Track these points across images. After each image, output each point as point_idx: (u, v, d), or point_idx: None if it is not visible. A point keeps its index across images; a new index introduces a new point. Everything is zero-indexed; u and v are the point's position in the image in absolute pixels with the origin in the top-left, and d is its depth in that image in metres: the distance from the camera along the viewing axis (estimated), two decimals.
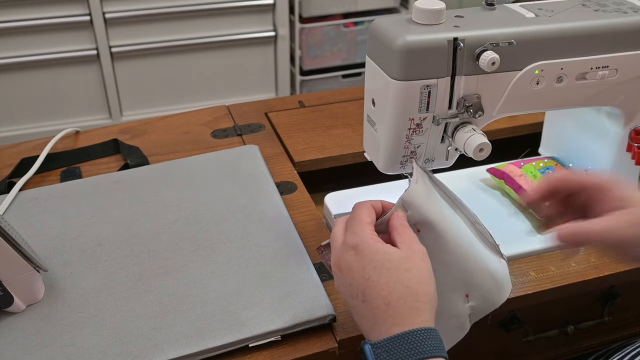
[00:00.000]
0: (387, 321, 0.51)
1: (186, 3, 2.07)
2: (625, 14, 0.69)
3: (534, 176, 0.82)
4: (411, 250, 0.54)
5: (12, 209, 0.80)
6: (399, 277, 0.52)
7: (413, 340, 0.49)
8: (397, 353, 0.48)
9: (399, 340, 0.49)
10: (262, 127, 1.01)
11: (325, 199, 0.84)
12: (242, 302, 0.66)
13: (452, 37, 0.62)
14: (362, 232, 0.55)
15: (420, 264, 0.53)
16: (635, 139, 0.77)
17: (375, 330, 0.51)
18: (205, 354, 0.61)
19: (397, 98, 0.64)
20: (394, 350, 0.48)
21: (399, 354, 0.48)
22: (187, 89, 2.25)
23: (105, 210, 0.80)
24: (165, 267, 0.71)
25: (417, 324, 0.50)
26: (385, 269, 0.52)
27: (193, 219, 0.78)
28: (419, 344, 0.49)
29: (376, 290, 0.52)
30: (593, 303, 0.81)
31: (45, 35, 2.01)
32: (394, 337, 0.49)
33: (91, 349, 0.61)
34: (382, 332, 0.50)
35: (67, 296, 0.67)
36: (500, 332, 0.77)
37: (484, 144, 0.65)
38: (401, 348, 0.48)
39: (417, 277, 0.52)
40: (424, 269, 0.53)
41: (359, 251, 0.54)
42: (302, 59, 2.31)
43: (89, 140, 0.97)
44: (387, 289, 0.51)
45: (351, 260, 0.54)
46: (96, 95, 2.16)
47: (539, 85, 0.68)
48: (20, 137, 1.93)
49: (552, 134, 0.91)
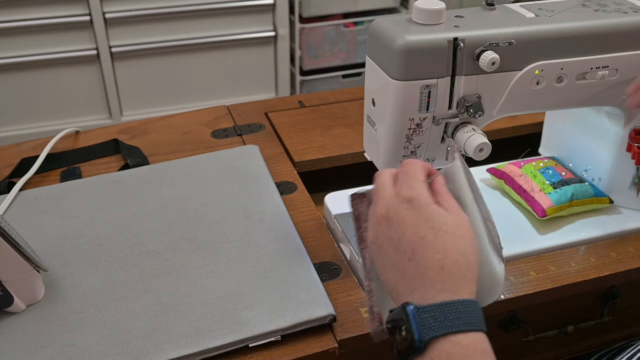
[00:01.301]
0: (436, 286, 0.48)
1: (186, 3, 2.07)
2: (625, 14, 0.69)
3: (533, 176, 0.82)
4: (461, 218, 0.51)
5: (12, 209, 0.80)
6: (454, 243, 0.49)
7: (461, 310, 0.46)
8: (444, 321, 0.46)
9: (448, 308, 0.46)
10: (262, 127, 1.01)
11: (325, 199, 0.84)
12: (242, 302, 0.66)
13: (452, 37, 0.62)
14: (420, 187, 0.52)
15: (471, 234, 0.51)
16: (635, 139, 0.77)
17: (418, 293, 0.48)
18: (205, 354, 0.61)
19: (397, 98, 0.64)
20: (441, 317, 0.46)
21: (445, 322, 0.46)
22: (187, 89, 2.25)
23: (105, 210, 0.80)
24: (165, 267, 0.71)
25: (466, 294, 0.48)
26: (442, 232, 0.49)
27: (193, 219, 0.78)
28: (466, 314, 0.46)
29: (430, 251, 0.49)
30: (593, 303, 0.81)
31: (45, 35, 2.01)
32: (443, 304, 0.47)
33: (91, 349, 0.61)
34: (428, 296, 0.48)
35: (67, 296, 0.67)
36: (500, 332, 0.77)
37: (484, 144, 0.65)
38: (448, 316, 0.46)
39: (470, 247, 0.50)
40: (474, 240, 0.51)
41: (416, 207, 0.51)
42: (302, 59, 2.31)
43: (89, 140, 0.97)
44: (442, 252, 0.48)
45: (405, 214, 0.50)
46: (96, 95, 2.16)
47: (539, 85, 0.68)
48: (20, 137, 1.93)
49: (552, 134, 0.91)
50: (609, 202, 0.82)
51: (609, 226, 0.79)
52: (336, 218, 0.80)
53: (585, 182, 0.82)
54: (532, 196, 0.80)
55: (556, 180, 0.81)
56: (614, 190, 0.82)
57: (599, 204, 0.81)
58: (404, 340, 0.47)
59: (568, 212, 0.80)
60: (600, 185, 0.83)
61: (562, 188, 0.80)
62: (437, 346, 0.45)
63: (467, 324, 0.46)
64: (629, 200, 0.82)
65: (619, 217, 0.82)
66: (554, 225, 0.80)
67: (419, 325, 0.46)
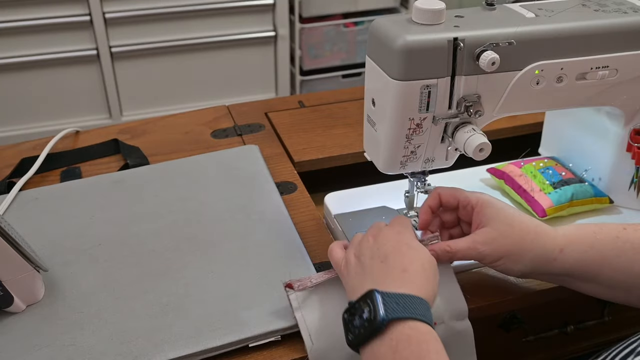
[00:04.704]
0: (397, 282, 0.55)
1: (186, 3, 2.07)
2: (625, 14, 0.69)
3: (533, 176, 0.82)
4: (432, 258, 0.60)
5: (12, 209, 0.80)
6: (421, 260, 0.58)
7: (419, 303, 0.53)
8: (405, 308, 0.52)
9: (409, 299, 0.53)
10: (262, 127, 1.01)
11: (325, 199, 0.84)
12: (242, 302, 0.66)
13: (452, 37, 0.62)
14: (409, 227, 0.63)
15: (435, 269, 0.60)
16: (635, 139, 0.77)
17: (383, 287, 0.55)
18: (205, 354, 0.61)
19: (397, 98, 0.64)
20: (403, 304, 0.52)
21: (406, 308, 0.52)
22: (187, 89, 2.25)
23: (105, 210, 0.80)
24: (165, 267, 0.71)
25: (423, 296, 0.55)
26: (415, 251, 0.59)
27: (193, 219, 0.78)
28: (422, 308, 0.53)
29: (399, 258, 0.58)
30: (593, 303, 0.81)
31: (45, 35, 2.01)
32: (405, 295, 0.53)
33: (91, 349, 0.61)
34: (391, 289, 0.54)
35: (67, 296, 0.67)
36: (500, 332, 0.77)
37: (484, 144, 0.65)
38: (409, 305, 0.52)
39: (434, 276, 0.58)
40: (437, 274, 0.60)
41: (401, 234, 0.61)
42: (302, 59, 2.31)
43: (89, 140, 0.97)
44: (409, 261, 0.57)
45: (391, 235, 0.60)
46: (96, 95, 2.16)
47: (539, 85, 0.68)
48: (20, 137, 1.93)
49: (552, 134, 0.91)
50: (609, 202, 0.82)
51: None
52: (336, 218, 0.80)
53: (585, 182, 0.82)
54: (532, 196, 0.80)
55: (556, 180, 0.81)
56: (614, 190, 0.82)
57: (599, 204, 0.81)
58: (365, 322, 0.52)
59: (568, 212, 0.80)
60: (600, 185, 0.83)
61: (562, 188, 0.80)
62: (398, 327, 0.51)
63: (423, 316, 0.53)
64: (629, 200, 0.82)
65: (619, 217, 0.82)
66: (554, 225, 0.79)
67: (384, 306, 0.52)
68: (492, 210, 0.63)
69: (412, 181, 0.76)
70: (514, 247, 0.62)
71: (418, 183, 0.75)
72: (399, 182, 0.84)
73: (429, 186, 0.75)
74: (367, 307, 0.53)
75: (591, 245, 0.62)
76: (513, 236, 0.62)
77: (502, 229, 0.62)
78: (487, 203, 0.64)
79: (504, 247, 0.62)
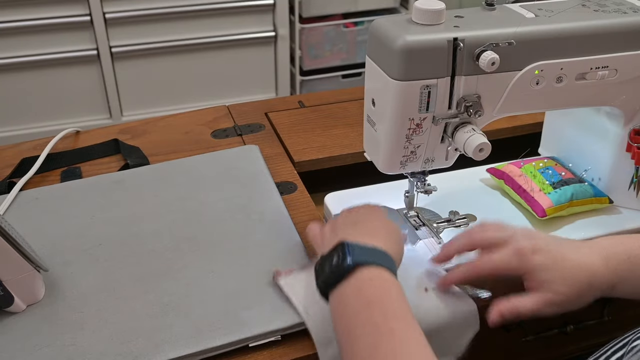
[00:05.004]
0: (365, 238, 0.60)
1: (186, 3, 2.07)
2: (625, 14, 0.69)
3: (533, 176, 0.82)
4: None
5: (12, 209, 0.80)
6: (390, 230, 0.64)
7: (383, 255, 0.59)
8: (370, 256, 0.58)
9: (374, 250, 0.59)
10: (262, 127, 1.01)
11: (325, 199, 0.84)
12: (242, 302, 0.66)
13: (452, 37, 0.62)
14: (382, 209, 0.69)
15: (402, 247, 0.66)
16: (635, 139, 0.77)
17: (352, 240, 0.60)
18: (205, 354, 0.61)
19: (397, 98, 0.64)
20: (368, 253, 0.58)
21: (371, 256, 0.58)
22: (187, 89, 2.25)
23: (105, 210, 0.80)
24: (165, 267, 0.71)
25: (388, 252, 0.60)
26: (384, 221, 0.65)
27: (193, 219, 0.78)
28: (386, 260, 0.59)
29: (370, 224, 0.64)
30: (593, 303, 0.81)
31: (45, 35, 2.01)
32: (371, 247, 0.59)
33: (91, 349, 0.61)
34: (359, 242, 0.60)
35: (67, 296, 0.67)
36: (500, 332, 0.77)
37: (483, 144, 0.65)
38: (374, 254, 0.58)
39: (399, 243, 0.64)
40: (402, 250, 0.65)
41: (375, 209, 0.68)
42: (302, 59, 2.31)
43: (89, 140, 0.97)
44: (378, 228, 0.64)
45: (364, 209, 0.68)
46: (96, 95, 2.16)
47: (539, 85, 0.68)
48: (20, 137, 1.93)
49: (552, 134, 0.91)
50: (608, 202, 0.82)
51: (609, 226, 0.79)
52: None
53: (585, 182, 0.82)
54: (531, 196, 0.80)
55: (556, 180, 0.81)
56: (613, 190, 0.82)
57: (599, 204, 0.81)
58: (334, 267, 0.58)
59: (568, 212, 0.80)
60: (600, 185, 0.83)
61: (561, 188, 0.80)
62: (363, 271, 0.57)
63: (387, 265, 0.58)
64: (629, 200, 0.82)
65: (618, 217, 0.82)
66: (553, 226, 0.80)
67: (351, 253, 0.57)
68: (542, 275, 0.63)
69: (412, 181, 0.76)
70: (576, 300, 0.64)
71: (418, 183, 0.75)
72: (399, 182, 0.84)
73: (428, 186, 0.76)
74: (337, 255, 0.58)
75: None
76: (571, 293, 0.63)
77: (562, 291, 0.63)
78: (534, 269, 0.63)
79: (566, 303, 0.64)
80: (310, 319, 0.63)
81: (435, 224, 0.79)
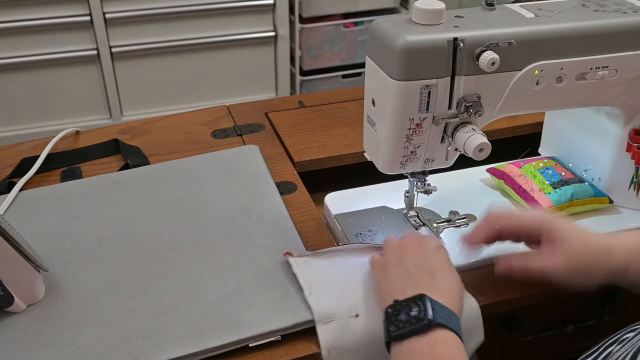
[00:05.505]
0: (442, 299, 0.59)
1: (186, 3, 2.07)
2: (625, 14, 0.69)
3: (533, 176, 0.82)
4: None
5: (12, 209, 0.80)
6: (461, 289, 0.64)
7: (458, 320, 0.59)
8: (449, 318, 0.58)
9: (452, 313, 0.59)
10: (262, 127, 1.01)
11: (325, 199, 0.84)
12: (242, 302, 0.66)
13: (452, 37, 0.62)
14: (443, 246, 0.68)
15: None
16: (635, 139, 0.77)
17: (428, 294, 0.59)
18: (205, 354, 0.61)
19: (397, 98, 0.64)
20: (448, 314, 0.58)
21: (449, 318, 0.58)
22: (187, 89, 2.25)
23: (105, 210, 0.80)
24: (165, 267, 0.71)
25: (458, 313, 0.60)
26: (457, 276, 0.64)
27: (193, 219, 0.78)
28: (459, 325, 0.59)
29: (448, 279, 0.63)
30: (593, 303, 0.81)
31: (45, 35, 2.01)
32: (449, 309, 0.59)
33: (91, 349, 0.61)
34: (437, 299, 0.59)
35: (67, 296, 0.67)
36: (501, 331, 0.77)
37: (483, 144, 0.65)
38: (451, 317, 0.58)
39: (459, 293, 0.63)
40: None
41: (442, 252, 0.66)
42: (302, 59, 2.31)
43: (89, 140, 0.97)
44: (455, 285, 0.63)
45: (434, 251, 0.65)
46: (96, 95, 2.16)
47: (539, 85, 0.68)
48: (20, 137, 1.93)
49: (552, 134, 0.91)
50: (608, 202, 0.82)
51: (609, 226, 0.79)
52: (336, 218, 0.80)
53: (585, 182, 0.82)
54: (531, 196, 0.80)
55: (556, 180, 0.81)
56: (613, 190, 0.82)
57: (599, 204, 0.81)
58: (413, 318, 0.57)
59: (568, 212, 0.80)
60: (600, 185, 0.83)
61: (561, 188, 0.80)
62: (440, 331, 0.56)
63: (460, 332, 0.58)
64: (629, 200, 0.82)
65: (618, 217, 0.82)
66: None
67: (433, 310, 0.57)
68: (564, 234, 0.65)
69: (412, 181, 0.76)
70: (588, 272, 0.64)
71: (418, 183, 0.75)
72: (399, 182, 0.84)
73: (428, 186, 0.76)
74: (417, 307, 0.57)
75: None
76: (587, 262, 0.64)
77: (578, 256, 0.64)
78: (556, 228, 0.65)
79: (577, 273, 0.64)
80: (313, 297, 0.65)
81: (435, 224, 0.79)
